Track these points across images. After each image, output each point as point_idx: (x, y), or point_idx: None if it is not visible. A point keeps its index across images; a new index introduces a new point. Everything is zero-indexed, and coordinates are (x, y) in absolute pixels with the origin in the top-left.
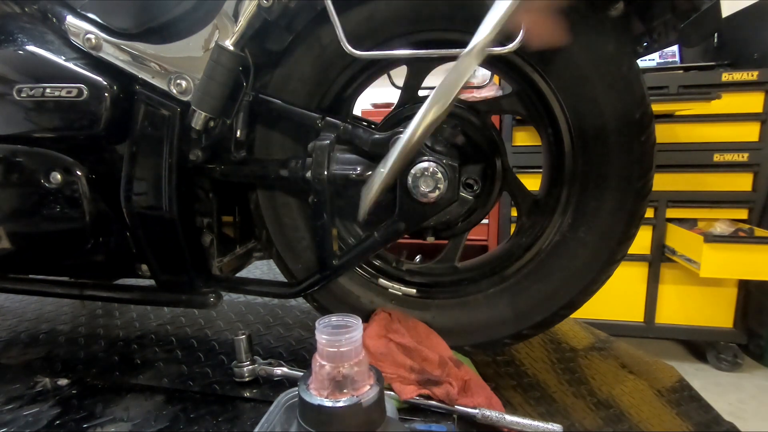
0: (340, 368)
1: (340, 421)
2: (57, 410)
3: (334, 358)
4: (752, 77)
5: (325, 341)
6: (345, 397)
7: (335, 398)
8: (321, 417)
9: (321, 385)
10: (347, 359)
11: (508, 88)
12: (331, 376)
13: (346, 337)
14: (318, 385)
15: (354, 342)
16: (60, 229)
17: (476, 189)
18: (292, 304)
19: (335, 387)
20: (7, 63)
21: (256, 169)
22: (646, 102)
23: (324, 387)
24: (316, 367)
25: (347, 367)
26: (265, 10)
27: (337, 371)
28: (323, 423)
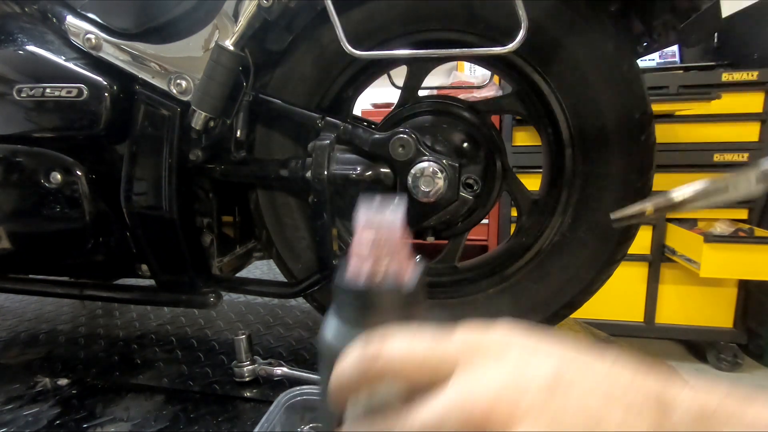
0: (380, 243)
1: (382, 306)
2: (57, 410)
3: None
4: (752, 77)
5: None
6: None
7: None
8: (360, 302)
9: (359, 271)
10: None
11: (508, 88)
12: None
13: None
14: (356, 271)
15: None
16: (60, 229)
17: (476, 189)
18: (292, 304)
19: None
20: (7, 63)
21: (256, 169)
22: (646, 102)
23: (362, 272)
24: (354, 250)
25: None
26: (265, 10)
27: (377, 249)
28: (363, 309)
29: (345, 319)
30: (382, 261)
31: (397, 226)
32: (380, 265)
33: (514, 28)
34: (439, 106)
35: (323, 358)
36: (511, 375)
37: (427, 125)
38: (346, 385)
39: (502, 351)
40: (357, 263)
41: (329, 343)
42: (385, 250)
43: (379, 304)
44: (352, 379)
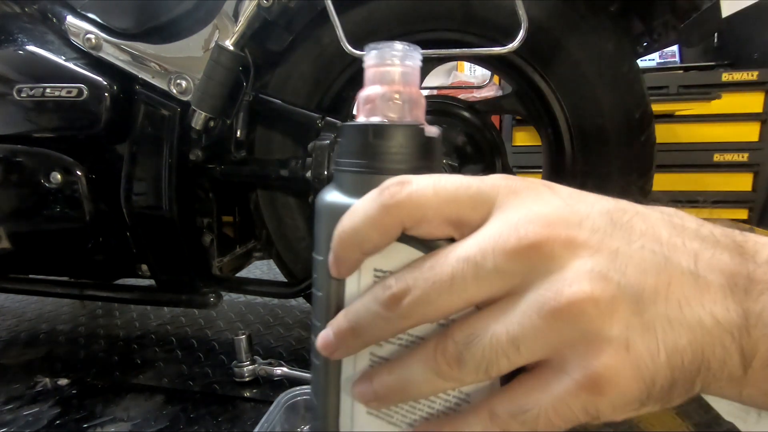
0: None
1: (397, 146)
2: (57, 410)
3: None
4: (752, 77)
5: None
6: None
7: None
8: (374, 142)
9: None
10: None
11: (508, 88)
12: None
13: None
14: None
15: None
16: (60, 229)
17: None
18: (292, 304)
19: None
20: (7, 63)
21: (256, 169)
22: (646, 102)
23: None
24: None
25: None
26: (265, 10)
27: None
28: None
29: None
30: (399, 97)
31: (416, 64)
32: (397, 102)
33: (514, 28)
34: (439, 106)
35: (319, 229)
36: (565, 207)
37: None
38: (354, 235)
39: (548, 188)
40: (366, 105)
41: (329, 206)
42: (401, 88)
43: (395, 145)
44: (363, 225)
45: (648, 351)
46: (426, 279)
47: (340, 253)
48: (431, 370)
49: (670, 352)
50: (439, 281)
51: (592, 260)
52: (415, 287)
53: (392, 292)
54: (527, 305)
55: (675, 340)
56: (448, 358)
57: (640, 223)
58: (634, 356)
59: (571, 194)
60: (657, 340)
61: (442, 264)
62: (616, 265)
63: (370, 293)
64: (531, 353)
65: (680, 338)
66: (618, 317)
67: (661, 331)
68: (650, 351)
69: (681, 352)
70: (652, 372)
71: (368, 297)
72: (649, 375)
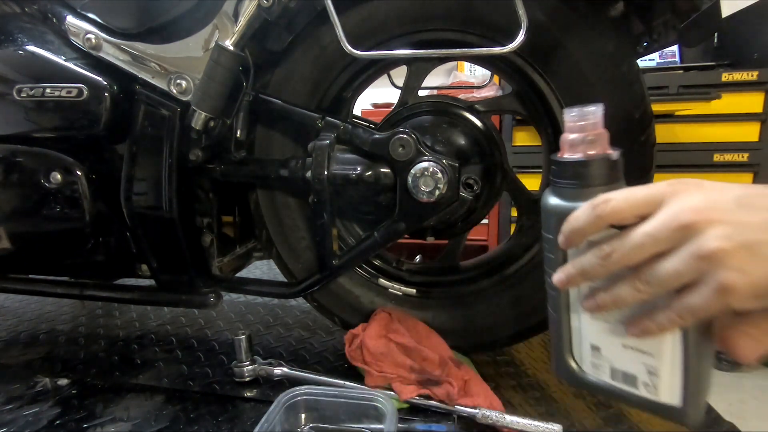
0: (587, 135)
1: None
2: (57, 410)
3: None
4: (752, 77)
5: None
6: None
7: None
8: (580, 171)
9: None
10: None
11: (508, 88)
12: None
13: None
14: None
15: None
16: (60, 229)
17: (476, 189)
18: (292, 304)
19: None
20: (7, 63)
21: (256, 169)
22: (646, 102)
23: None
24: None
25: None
26: (265, 10)
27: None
28: (582, 177)
29: (567, 191)
30: (593, 141)
31: (600, 115)
32: (592, 144)
33: (514, 28)
34: (439, 106)
35: (549, 221)
36: (708, 198)
37: (427, 125)
38: (578, 228)
39: (698, 186)
40: (571, 146)
41: (556, 206)
42: (594, 134)
43: (596, 171)
44: (584, 223)
45: (756, 272)
46: (624, 244)
47: (570, 236)
48: (632, 287)
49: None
50: (632, 244)
51: (721, 228)
52: (619, 248)
53: (606, 251)
54: (684, 253)
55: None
56: (642, 280)
57: (760, 201)
58: (747, 275)
59: (712, 187)
60: (763, 267)
61: (633, 236)
62: (737, 230)
63: (592, 252)
64: (685, 278)
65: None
66: (735, 257)
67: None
68: (757, 272)
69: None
70: (760, 281)
71: (591, 255)
72: (758, 283)
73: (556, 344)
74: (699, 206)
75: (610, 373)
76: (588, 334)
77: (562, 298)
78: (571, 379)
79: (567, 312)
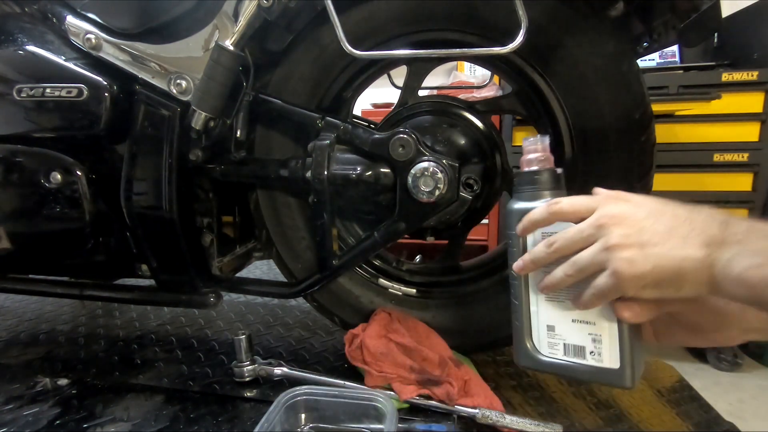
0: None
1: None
2: (57, 410)
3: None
4: (752, 77)
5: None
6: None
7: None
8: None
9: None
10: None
11: (508, 88)
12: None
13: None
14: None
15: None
16: (60, 229)
17: (476, 189)
18: (292, 304)
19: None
20: (7, 63)
21: (256, 169)
22: (646, 102)
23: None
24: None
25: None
26: (265, 10)
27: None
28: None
29: (525, 192)
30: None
31: (547, 144)
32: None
33: (514, 28)
34: (439, 106)
35: (512, 221)
36: (626, 208)
37: (427, 125)
38: (534, 220)
39: (625, 199)
40: (527, 161)
41: (518, 208)
42: (544, 154)
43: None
44: (539, 217)
45: (642, 263)
46: (563, 237)
47: (527, 226)
48: (564, 271)
49: (656, 265)
50: (567, 238)
51: (624, 229)
52: (560, 240)
53: (551, 242)
54: (596, 246)
55: (661, 262)
56: (569, 265)
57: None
58: (634, 266)
59: (636, 201)
60: (649, 262)
61: (569, 232)
62: (636, 232)
63: (541, 244)
64: (595, 264)
65: (663, 260)
66: (628, 251)
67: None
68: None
69: (665, 267)
70: (646, 271)
71: (540, 246)
72: (642, 272)
73: (517, 332)
74: (615, 213)
75: (563, 349)
76: (544, 315)
77: (522, 285)
78: (531, 363)
79: (527, 298)
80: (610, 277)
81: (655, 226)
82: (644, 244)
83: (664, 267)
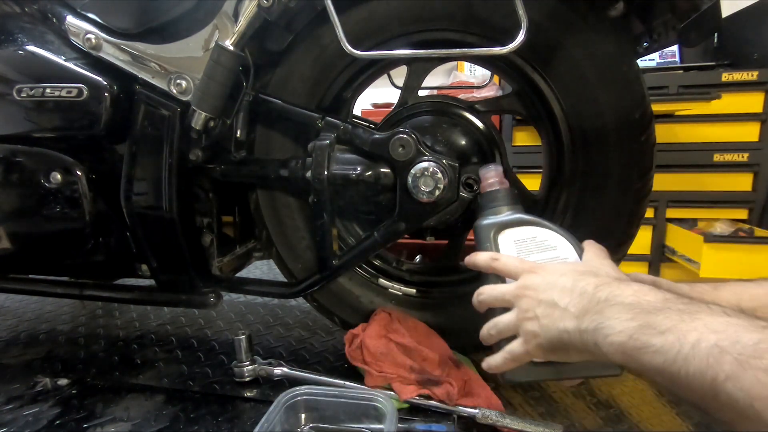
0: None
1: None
2: (57, 410)
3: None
4: (752, 77)
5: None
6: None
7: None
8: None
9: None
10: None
11: (508, 88)
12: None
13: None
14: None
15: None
16: (60, 229)
17: (476, 189)
18: (292, 304)
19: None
20: (7, 63)
21: (256, 169)
22: (646, 102)
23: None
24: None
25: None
26: (265, 10)
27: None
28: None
29: (489, 209)
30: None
31: (501, 170)
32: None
33: (514, 28)
34: (439, 106)
35: (480, 236)
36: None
37: (427, 125)
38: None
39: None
40: (487, 184)
41: (485, 224)
42: (500, 178)
43: (505, 196)
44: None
45: (540, 334)
46: (490, 296)
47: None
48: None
49: (545, 336)
50: (493, 297)
51: (529, 302)
52: (485, 295)
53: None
54: (512, 315)
55: (548, 334)
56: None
57: (559, 282)
58: (537, 337)
59: (542, 271)
60: (542, 332)
61: (495, 292)
62: (535, 304)
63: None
64: (511, 330)
65: (550, 332)
66: (532, 323)
67: (544, 328)
68: (541, 335)
69: (552, 338)
70: (542, 342)
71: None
72: (540, 343)
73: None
74: (528, 285)
75: None
76: None
77: None
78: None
79: None
80: (521, 345)
81: (548, 299)
82: (540, 317)
83: (552, 338)
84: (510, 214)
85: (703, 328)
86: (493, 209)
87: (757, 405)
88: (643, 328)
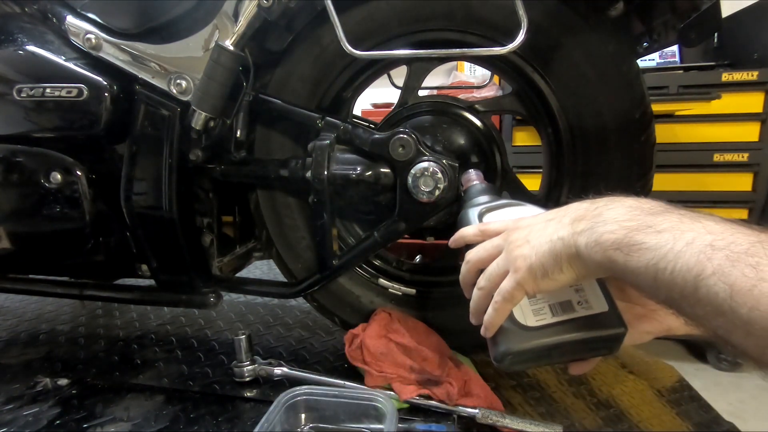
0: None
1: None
2: (57, 410)
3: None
4: (752, 77)
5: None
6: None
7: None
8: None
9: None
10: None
11: (508, 88)
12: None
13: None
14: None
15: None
16: (60, 229)
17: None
18: (292, 304)
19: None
20: (7, 63)
21: (256, 169)
22: (646, 102)
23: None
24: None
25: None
26: (265, 10)
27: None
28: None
29: (473, 201)
30: (481, 181)
31: (481, 174)
32: (481, 182)
33: (514, 28)
34: (438, 106)
35: (466, 219)
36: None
37: (427, 125)
38: (465, 237)
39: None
40: (469, 182)
41: (469, 210)
42: (480, 179)
43: (486, 189)
44: (470, 235)
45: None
46: (473, 254)
47: (457, 240)
48: (479, 287)
49: (537, 252)
50: (475, 255)
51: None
52: (472, 255)
53: (466, 260)
54: (502, 256)
55: (540, 249)
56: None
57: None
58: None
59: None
60: (533, 251)
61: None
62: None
63: (463, 265)
64: (503, 268)
65: (542, 246)
66: (522, 248)
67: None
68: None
69: (544, 253)
70: (533, 262)
71: (462, 267)
72: (531, 263)
73: None
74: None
75: (550, 311)
76: None
77: None
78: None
79: None
80: (510, 278)
81: (540, 224)
82: (530, 239)
83: (543, 252)
84: (493, 200)
85: (701, 229)
86: (475, 199)
87: (738, 298)
88: (641, 227)
